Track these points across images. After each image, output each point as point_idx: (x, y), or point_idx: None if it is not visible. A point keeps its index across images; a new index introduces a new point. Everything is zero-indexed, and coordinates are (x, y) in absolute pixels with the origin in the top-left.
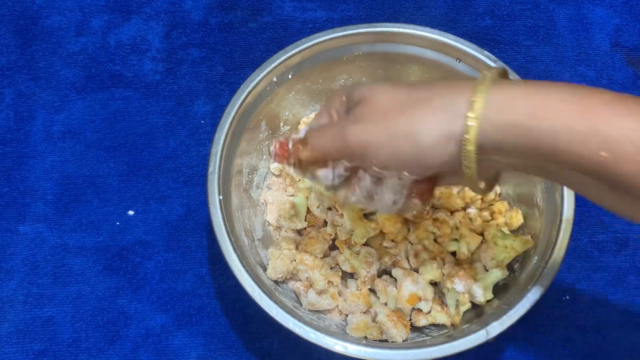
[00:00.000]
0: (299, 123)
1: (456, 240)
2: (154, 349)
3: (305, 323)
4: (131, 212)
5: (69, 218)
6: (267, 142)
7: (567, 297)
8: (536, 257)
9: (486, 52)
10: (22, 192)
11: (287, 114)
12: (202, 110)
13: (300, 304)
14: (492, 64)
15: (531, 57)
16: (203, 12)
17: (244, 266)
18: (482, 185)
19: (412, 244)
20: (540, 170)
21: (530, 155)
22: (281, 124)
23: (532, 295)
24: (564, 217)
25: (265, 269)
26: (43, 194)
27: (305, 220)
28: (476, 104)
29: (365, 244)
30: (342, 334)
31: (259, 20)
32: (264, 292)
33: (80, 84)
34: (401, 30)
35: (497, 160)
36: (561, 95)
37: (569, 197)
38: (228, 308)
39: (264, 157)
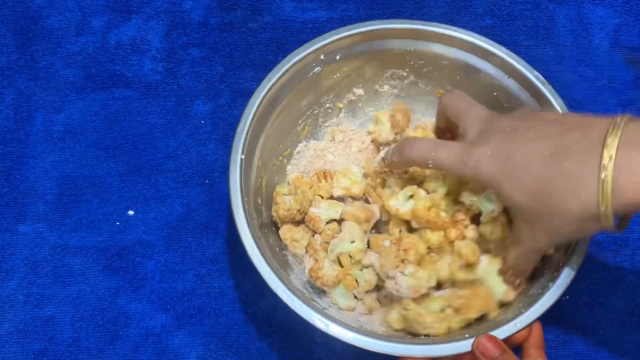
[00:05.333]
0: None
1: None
2: (154, 348)
3: (295, 294)
4: (131, 212)
5: (69, 218)
6: (308, 112)
7: (567, 297)
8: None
9: (535, 72)
10: (22, 192)
11: (330, 95)
12: (202, 110)
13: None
14: (541, 86)
15: (531, 57)
16: (203, 12)
17: (249, 226)
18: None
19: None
20: None
21: None
22: (323, 101)
23: (548, 299)
24: None
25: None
26: (43, 194)
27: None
28: (608, 165)
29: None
30: (334, 316)
31: (259, 20)
32: (263, 256)
33: (80, 84)
34: (455, 34)
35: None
36: None
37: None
38: (228, 308)
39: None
